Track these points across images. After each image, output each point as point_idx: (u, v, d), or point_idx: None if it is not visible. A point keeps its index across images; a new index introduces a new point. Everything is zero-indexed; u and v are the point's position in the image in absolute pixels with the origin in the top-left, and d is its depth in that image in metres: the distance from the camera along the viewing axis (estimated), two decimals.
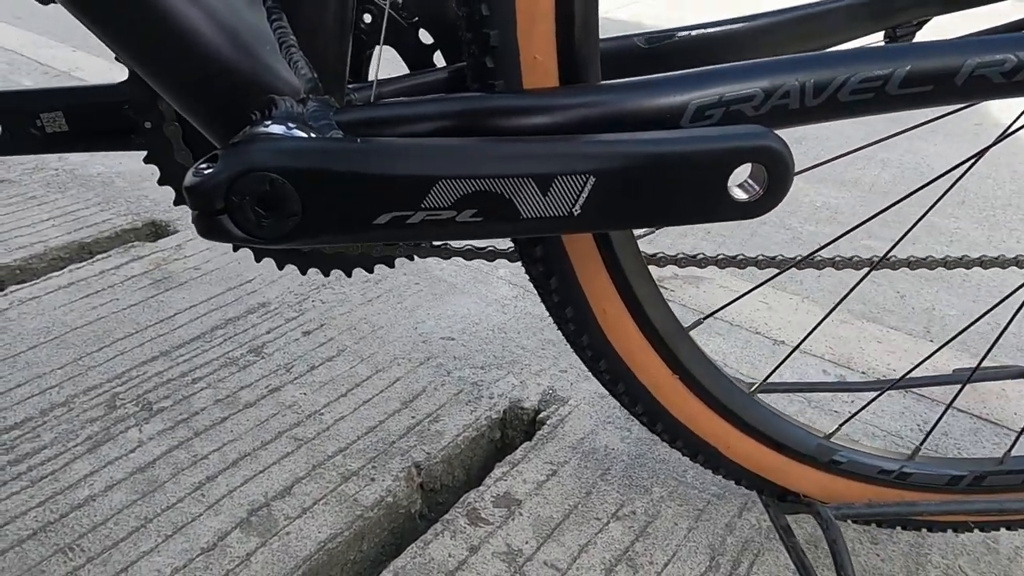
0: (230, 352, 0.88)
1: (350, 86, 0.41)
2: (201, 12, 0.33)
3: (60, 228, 1.13)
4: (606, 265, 0.44)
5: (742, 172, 0.32)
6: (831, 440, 0.56)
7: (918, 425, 0.83)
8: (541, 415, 0.82)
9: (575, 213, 0.31)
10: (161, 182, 0.47)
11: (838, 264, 0.55)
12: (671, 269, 1.12)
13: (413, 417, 0.80)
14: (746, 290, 0.56)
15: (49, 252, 1.07)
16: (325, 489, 0.70)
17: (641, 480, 0.73)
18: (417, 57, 0.43)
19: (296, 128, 0.34)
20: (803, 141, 1.67)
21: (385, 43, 0.42)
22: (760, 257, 0.54)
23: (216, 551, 0.64)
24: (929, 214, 0.59)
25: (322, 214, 0.32)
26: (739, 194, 0.32)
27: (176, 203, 0.48)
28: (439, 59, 0.44)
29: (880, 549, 0.66)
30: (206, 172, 0.31)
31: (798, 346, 0.58)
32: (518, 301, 1.01)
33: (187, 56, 0.34)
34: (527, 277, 0.49)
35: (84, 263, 1.05)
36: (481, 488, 0.71)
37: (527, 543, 0.66)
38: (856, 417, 0.83)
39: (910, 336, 0.99)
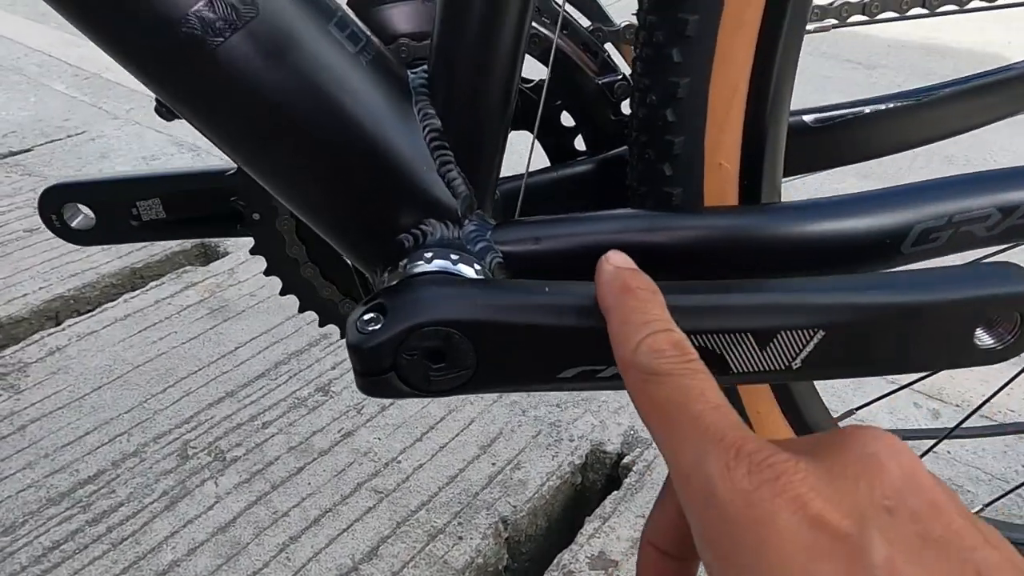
0: (297, 391, 0.85)
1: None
2: (358, 128, 0.29)
3: (109, 253, 1.10)
4: None
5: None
6: None
7: (1023, 466, 0.79)
8: (625, 459, 0.79)
9: (793, 367, 0.27)
10: (267, 273, 0.44)
11: None
12: None
13: (493, 464, 0.77)
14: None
15: (102, 280, 1.04)
16: (412, 550, 0.68)
17: None
18: (557, 140, 0.39)
19: (459, 259, 0.30)
20: None
21: (523, 128, 0.38)
22: None
23: None
24: None
25: (499, 368, 0.28)
26: (986, 340, 0.28)
27: (282, 293, 0.45)
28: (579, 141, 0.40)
29: None
30: (371, 329, 0.27)
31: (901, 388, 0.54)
32: None
33: (335, 178, 0.30)
34: None
35: (138, 292, 1.02)
36: (574, 547, 0.69)
37: (617, 550, 0.63)
38: (956, 459, 0.79)
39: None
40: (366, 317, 0.28)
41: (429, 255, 0.30)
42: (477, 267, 0.30)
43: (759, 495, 0.19)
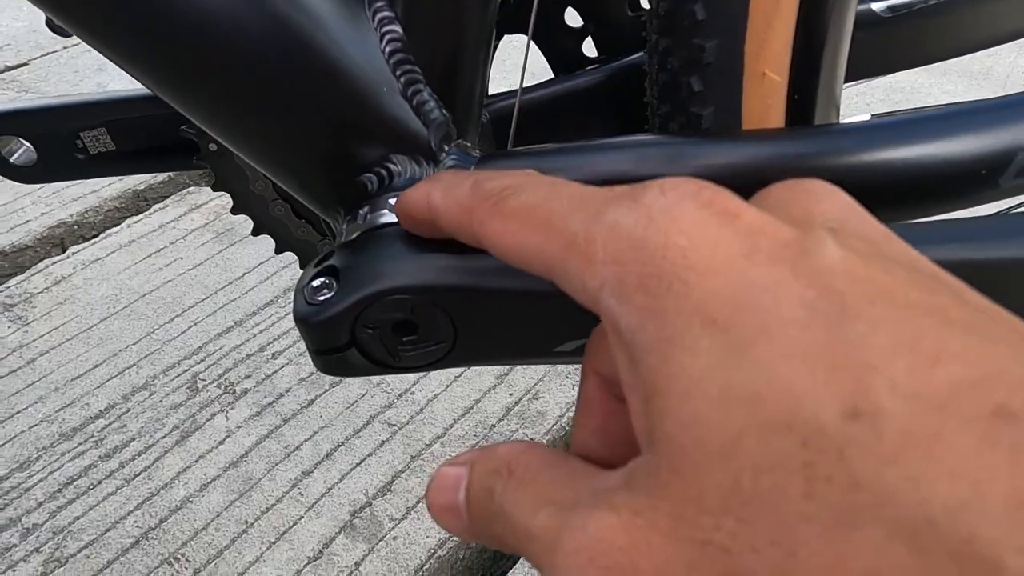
0: None
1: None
2: (296, 45, 0.22)
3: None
4: None
5: None
6: None
7: None
8: None
9: None
10: (235, 212, 0.38)
11: None
12: None
13: (511, 395, 0.74)
14: None
15: (104, 204, 1.00)
16: (427, 485, 0.66)
17: None
18: (561, 43, 0.32)
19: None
20: None
21: (517, 31, 0.30)
22: None
23: (323, 560, 0.60)
24: None
25: (483, 341, 0.23)
26: None
27: (255, 233, 0.39)
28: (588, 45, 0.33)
29: None
30: (322, 299, 0.22)
31: None
32: None
33: (278, 109, 0.24)
34: None
35: (142, 215, 0.98)
36: None
37: None
38: None
39: None
40: (315, 284, 0.23)
41: (394, 201, 0.24)
42: None
43: (678, 209, 0.14)
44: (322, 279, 0.23)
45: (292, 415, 0.72)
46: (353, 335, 0.23)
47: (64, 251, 0.94)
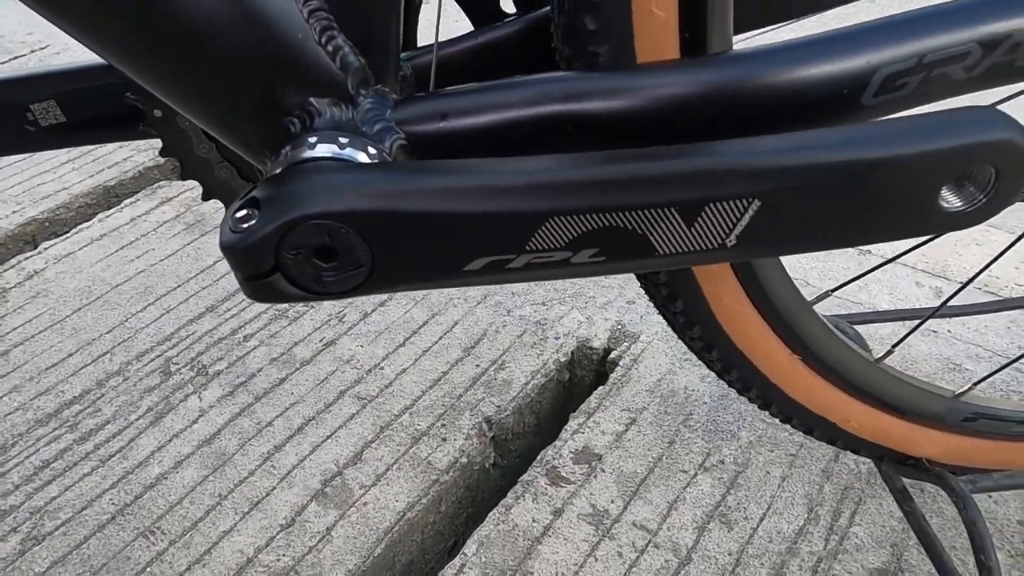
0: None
1: (403, 55, 0.32)
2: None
3: (81, 172, 1.07)
4: None
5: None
6: (962, 399, 0.50)
7: None
8: (612, 354, 0.77)
9: (727, 244, 0.24)
10: (183, 177, 0.40)
11: None
12: None
13: (477, 366, 0.76)
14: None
15: (75, 200, 1.01)
16: (396, 453, 0.68)
17: (726, 424, 0.69)
18: (480, 2, 0.34)
19: (349, 143, 0.26)
20: None
21: None
22: None
23: (296, 527, 0.62)
24: None
25: (397, 264, 0.25)
26: (953, 202, 0.24)
27: (204, 198, 0.41)
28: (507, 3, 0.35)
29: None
30: (246, 227, 0.24)
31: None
32: None
33: (200, 59, 0.26)
34: None
35: (112, 210, 1.00)
36: (558, 443, 0.68)
37: (613, 503, 0.63)
38: (957, 337, 0.76)
39: (1013, 234, 0.89)
40: (239, 214, 0.25)
41: (313, 139, 0.26)
42: (372, 151, 0.27)
43: None
44: (246, 210, 0.25)
45: (264, 393, 0.74)
46: (277, 260, 0.25)
47: (36, 247, 0.95)
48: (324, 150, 0.26)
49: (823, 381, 0.45)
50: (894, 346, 0.49)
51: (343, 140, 0.26)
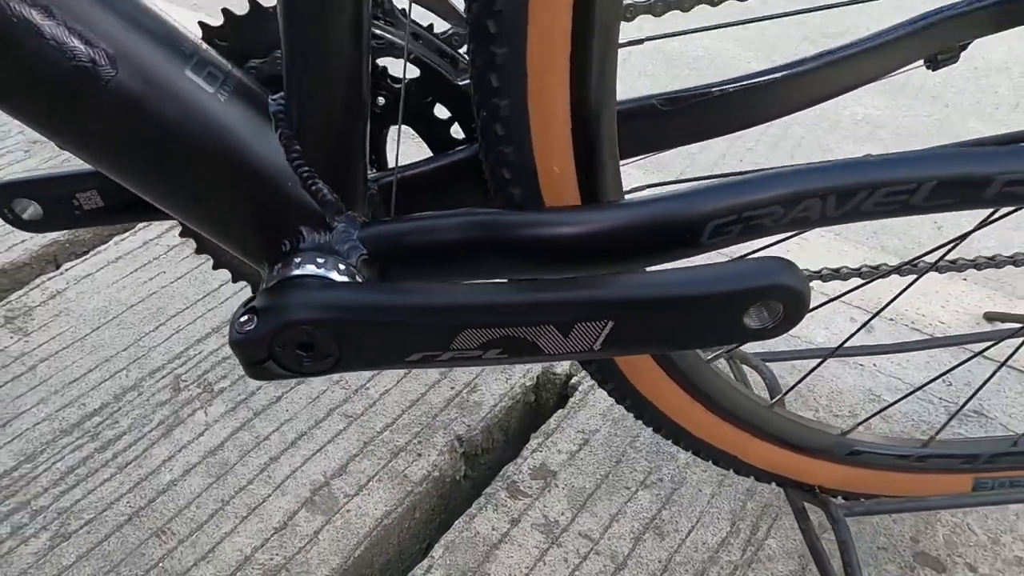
0: None
1: (372, 174, 0.42)
2: (224, 161, 0.34)
3: None
4: None
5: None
6: (848, 436, 0.60)
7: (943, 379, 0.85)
8: (573, 380, 0.86)
9: (595, 348, 0.33)
10: (198, 252, 0.49)
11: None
12: None
13: (452, 388, 0.85)
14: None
15: None
16: (377, 466, 0.77)
17: (667, 447, 0.78)
18: (435, 132, 0.43)
19: (324, 262, 0.36)
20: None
21: (402, 123, 0.42)
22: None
23: (287, 530, 0.72)
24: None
25: (358, 355, 0.35)
26: (753, 323, 0.33)
27: (197, 252, 0.50)
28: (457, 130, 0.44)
29: None
30: (247, 329, 0.34)
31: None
32: None
33: (215, 202, 0.35)
34: None
35: (127, 234, 1.09)
36: (519, 460, 0.78)
37: (563, 514, 0.72)
38: (880, 370, 0.85)
39: (946, 278, 0.99)
40: (242, 319, 0.34)
41: (298, 260, 0.35)
42: (342, 266, 0.36)
43: None
44: (247, 316, 0.34)
45: (262, 409, 0.83)
46: (270, 353, 0.34)
47: (58, 267, 1.05)
48: (306, 269, 0.35)
49: (722, 422, 0.54)
50: (786, 392, 0.58)
51: (320, 260, 0.35)
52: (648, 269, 0.35)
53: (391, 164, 0.44)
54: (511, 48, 0.31)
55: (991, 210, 0.47)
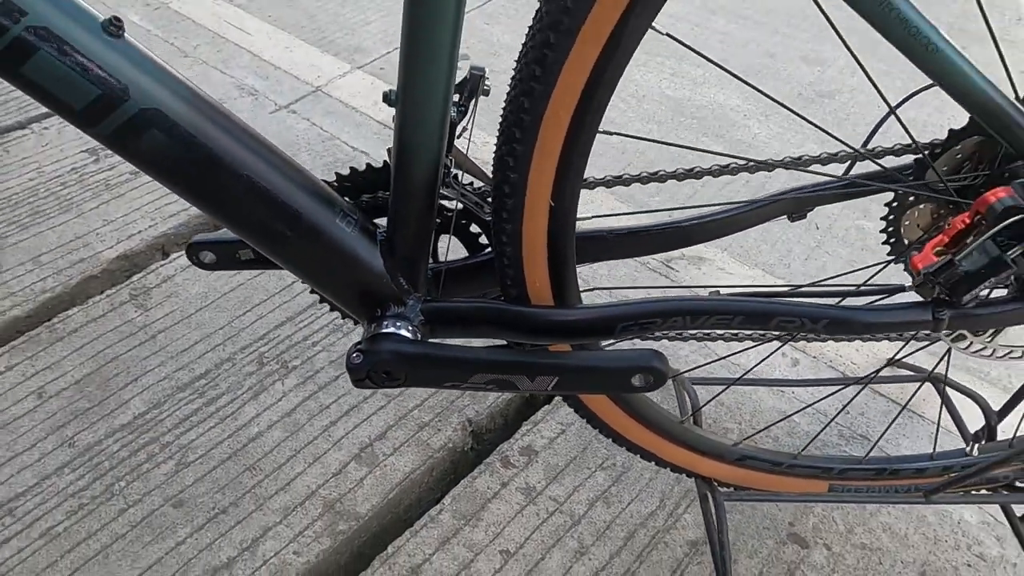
0: (335, 320, 1.21)
1: (430, 266, 0.68)
2: (351, 267, 0.60)
3: None
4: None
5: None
6: (738, 446, 0.86)
7: (846, 409, 1.10)
8: None
9: (548, 389, 0.59)
10: (320, 300, 0.76)
11: None
12: (680, 251, 1.36)
13: None
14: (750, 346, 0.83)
15: (191, 220, 1.39)
16: (408, 435, 1.05)
17: None
18: (470, 240, 0.69)
19: (400, 324, 0.63)
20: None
21: (452, 234, 0.68)
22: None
23: (341, 475, 1.00)
24: None
25: (414, 380, 0.61)
26: (638, 383, 0.59)
27: (320, 300, 0.77)
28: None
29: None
30: (356, 362, 0.61)
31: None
32: None
33: (344, 286, 0.62)
34: None
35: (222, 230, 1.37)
36: (512, 440, 1.05)
37: (539, 482, 1.00)
38: (799, 398, 1.11)
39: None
40: (354, 356, 0.61)
41: (386, 322, 0.62)
42: (411, 328, 0.63)
43: None
44: (356, 353, 0.61)
45: (325, 384, 1.11)
46: (368, 375, 0.61)
47: (166, 256, 1.33)
48: (389, 328, 0.62)
49: (645, 429, 0.80)
50: (693, 412, 0.84)
51: (397, 323, 0.62)
52: (586, 348, 0.61)
53: (442, 258, 0.70)
54: (514, 204, 0.57)
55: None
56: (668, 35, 0.49)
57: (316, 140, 1.59)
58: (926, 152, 0.61)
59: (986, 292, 0.56)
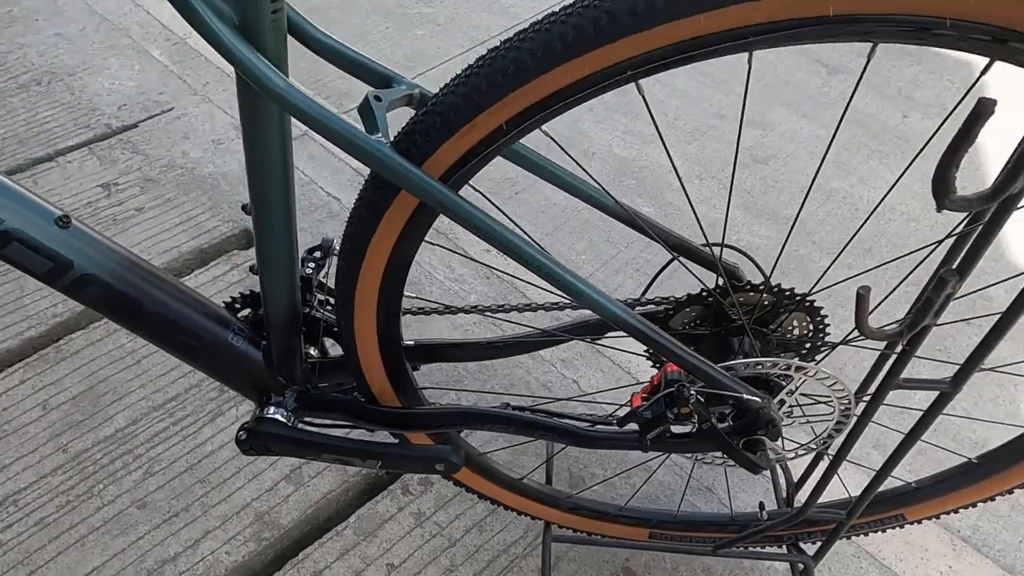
0: None
1: (313, 359, 0.91)
2: (241, 369, 0.83)
3: (188, 233, 1.69)
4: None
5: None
6: (572, 498, 1.08)
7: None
8: None
9: (377, 467, 0.82)
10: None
11: None
12: None
13: None
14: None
15: (182, 257, 1.64)
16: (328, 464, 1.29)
17: None
18: (336, 336, 0.91)
19: (278, 411, 0.86)
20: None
21: (320, 339, 0.91)
22: None
23: (272, 491, 1.25)
24: None
25: (285, 451, 0.85)
26: (440, 468, 0.81)
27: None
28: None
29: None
30: (243, 438, 0.84)
31: None
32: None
33: (241, 382, 0.85)
34: None
35: (203, 269, 1.62)
36: (412, 473, 1.28)
37: (429, 509, 1.23)
38: (676, 465, 1.32)
39: None
40: (240, 433, 0.85)
41: (269, 408, 0.85)
42: (286, 413, 0.86)
43: None
44: (242, 431, 0.84)
45: None
46: (251, 447, 0.85)
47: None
48: (269, 413, 0.85)
49: (492, 484, 1.02)
50: (531, 472, 1.06)
51: (276, 409, 0.85)
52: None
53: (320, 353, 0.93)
54: (346, 327, 0.79)
55: None
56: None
57: (296, 184, 1.82)
58: (669, 309, 0.81)
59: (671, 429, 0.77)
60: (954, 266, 0.60)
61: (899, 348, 0.68)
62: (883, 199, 0.84)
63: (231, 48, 0.54)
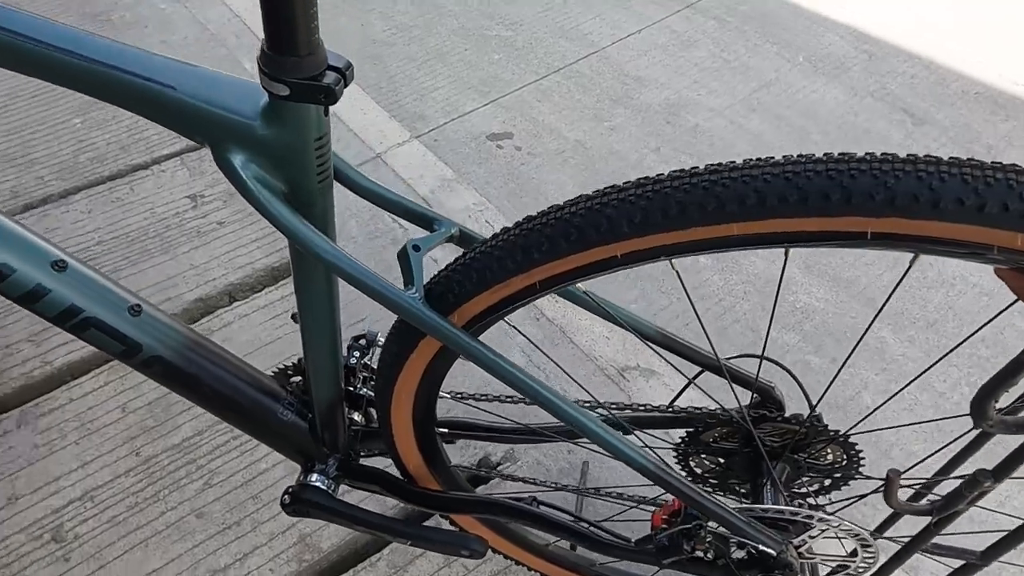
0: None
1: (357, 426, 0.98)
2: (289, 439, 0.91)
3: (263, 250, 1.80)
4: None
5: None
6: (597, 566, 1.12)
7: None
8: None
9: (407, 543, 0.89)
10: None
11: None
12: (633, 361, 1.59)
13: None
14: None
15: (255, 273, 1.75)
16: None
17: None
18: (365, 410, 0.98)
19: (321, 479, 0.94)
20: None
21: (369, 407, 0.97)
22: None
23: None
24: None
25: (331, 519, 0.93)
26: (465, 553, 0.87)
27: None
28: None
29: None
30: (287, 502, 0.92)
31: None
32: None
33: (288, 447, 0.93)
34: None
35: (275, 286, 1.73)
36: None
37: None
38: None
39: None
40: (284, 497, 0.93)
41: (312, 475, 0.93)
42: (327, 481, 0.94)
43: None
44: (286, 496, 0.93)
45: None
46: (295, 510, 0.93)
47: (232, 302, 1.70)
48: (312, 480, 0.92)
49: (525, 552, 1.08)
50: (556, 541, 1.11)
51: (318, 477, 0.93)
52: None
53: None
54: (383, 405, 0.86)
55: None
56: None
57: (364, 210, 1.90)
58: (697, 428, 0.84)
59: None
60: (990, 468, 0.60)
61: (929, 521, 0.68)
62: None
63: (279, 218, 0.60)
